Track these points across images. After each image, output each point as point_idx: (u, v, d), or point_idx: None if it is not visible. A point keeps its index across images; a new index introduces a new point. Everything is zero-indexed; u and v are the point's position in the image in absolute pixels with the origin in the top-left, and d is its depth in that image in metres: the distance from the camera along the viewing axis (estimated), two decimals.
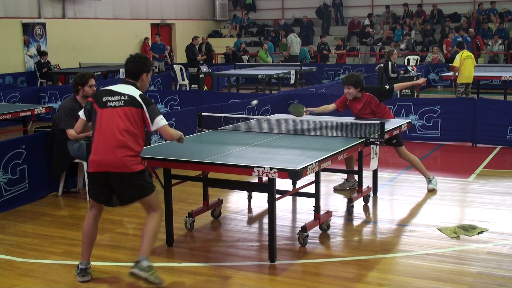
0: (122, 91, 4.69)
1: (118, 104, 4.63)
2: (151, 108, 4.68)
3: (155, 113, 4.69)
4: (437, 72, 18.36)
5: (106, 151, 4.59)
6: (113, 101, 4.65)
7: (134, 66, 4.79)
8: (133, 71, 4.79)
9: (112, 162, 4.57)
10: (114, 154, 4.56)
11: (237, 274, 4.93)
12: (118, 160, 4.56)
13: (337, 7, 25.13)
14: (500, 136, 9.79)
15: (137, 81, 4.80)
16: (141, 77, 4.80)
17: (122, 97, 4.65)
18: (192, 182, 6.25)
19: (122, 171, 4.59)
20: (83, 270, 4.82)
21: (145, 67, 4.82)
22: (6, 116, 9.14)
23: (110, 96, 4.68)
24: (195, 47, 18.97)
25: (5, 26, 17.93)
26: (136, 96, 4.66)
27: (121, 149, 4.57)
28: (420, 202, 6.91)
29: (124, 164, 4.57)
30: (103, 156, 4.60)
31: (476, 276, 4.80)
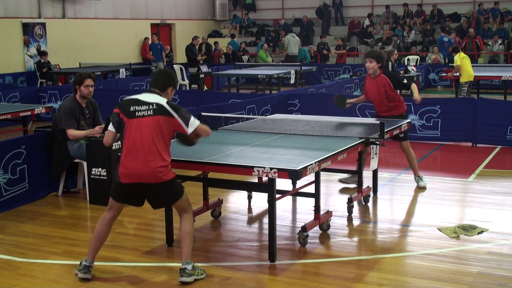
0: (149, 100, 4.68)
1: (147, 114, 4.62)
2: (181, 113, 4.67)
3: (187, 116, 4.68)
4: (437, 72, 18.35)
5: (138, 162, 4.59)
6: (141, 110, 4.63)
7: (163, 78, 4.85)
8: (161, 82, 4.82)
9: (145, 173, 4.60)
10: (147, 166, 4.58)
11: (237, 274, 4.93)
12: (151, 171, 4.59)
13: (337, 7, 25.12)
14: (500, 136, 9.79)
15: (162, 92, 4.80)
16: (167, 90, 4.83)
17: (151, 106, 4.64)
18: (192, 182, 6.24)
19: (154, 182, 4.63)
20: (86, 267, 4.83)
21: (173, 82, 4.89)
22: (6, 116, 9.15)
23: (138, 106, 4.66)
24: (195, 47, 18.98)
25: (5, 26, 17.92)
26: (163, 104, 4.66)
27: (153, 160, 4.58)
28: (420, 202, 6.91)
29: (156, 175, 4.61)
30: (135, 169, 4.61)
31: (476, 276, 4.80)
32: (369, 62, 7.23)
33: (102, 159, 6.81)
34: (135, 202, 4.90)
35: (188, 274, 4.71)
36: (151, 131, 4.59)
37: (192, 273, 4.73)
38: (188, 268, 4.72)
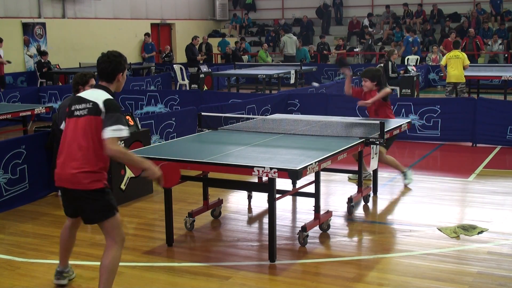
0: (89, 98, 4.17)
1: (82, 113, 4.13)
2: (108, 115, 4.04)
3: (109, 121, 4.02)
4: (437, 72, 18.35)
5: (65, 165, 4.15)
6: (79, 109, 4.17)
7: (108, 67, 4.23)
8: (107, 72, 4.23)
9: (68, 177, 4.13)
10: (70, 169, 4.11)
11: (237, 274, 4.93)
12: (73, 175, 4.09)
13: (337, 7, 25.12)
14: (500, 136, 9.79)
15: (112, 82, 4.26)
16: (116, 78, 4.26)
17: (88, 104, 4.14)
18: (192, 182, 6.24)
19: (76, 188, 4.11)
20: (59, 273, 4.74)
21: (120, 66, 4.26)
22: (6, 116, 9.15)
23: (78, 104, 4.19)
24: (195, 47, 18.97)
25: (5, 26, 17.92)
26: (99, 102, 4.10)
27: (77, 163, 4.08)
28: (420, 202, 6.91)
29: (78, 180, 4.08)
30: (61, 170, 4.18)
31: (476, 276, 4.80)
32: (364, 81, 7.50)
33: None
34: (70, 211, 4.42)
35: None
36: (80, 132, 4.11)
37: None
38: None
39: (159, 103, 12.57)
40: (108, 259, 4.14)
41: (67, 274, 4.79)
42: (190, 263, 5.22)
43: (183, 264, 5.20)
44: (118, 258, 4.19)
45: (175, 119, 9.18)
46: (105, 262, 4.14)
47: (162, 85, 17.28)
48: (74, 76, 7.02)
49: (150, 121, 8.66)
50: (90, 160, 4.10)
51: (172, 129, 9.10)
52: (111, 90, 4.26)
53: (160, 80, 17.41)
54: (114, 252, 4.16)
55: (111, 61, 4.24)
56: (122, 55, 4.33)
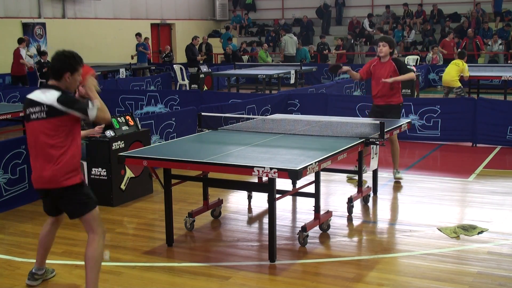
0: (41, 100, 4.17)
1: (41, 116, 4.16)
2: (76, 106, 4.15)
3: (83, 106, 4.16)
4: (437, 72, 18.36)
5: (38, 167, 4.26)
6: (35, 112, 4.19)
7: (56, 64, 4.23)
8: (54, 70, 4.24)
9: (46, 178, 4.23)
10: (45, 170, 4.21)
11: (237, 274, 4.93)
12: (50, 175, 4.21)
13: (339, 6, 25.12)
14: (500, 136, 9.79)
15: (59, 81, 4.23)
16: (63, 77, 4.21)
17: (43, 107, 4.16)
18: (192, 182, 6.25)
19: (53, 186, 4.24)
20: (31, 274, 4.74)
21: (68, 66, 4.20)
22: (6, 116, 9.15)
23: (32, 107, 4.21)
24: (195, 47, 18.98)
25: (5, 26, 17.93)
26: (54, 104, 4.13)
27: (49, 164, 4.19)
28: (420, 202, 6.91)
29: (56, 179, 4.21)
30: (36, 173, 4.30)
31: (476, 276, 4.80)
32: (382, 46, 7.61)
33: (102, 159, 6.81)
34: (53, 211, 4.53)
35: None
36: (45, 135, 4.17)
37: None
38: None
39: (159, 103, 12.57)
40: (92, 251, 4.29)
41: (39, 276, 4.77)
42: (190, 263, 5.22)
43: (183, 264, 5.20)
44: (102, 248, 4.35)
45: (175, 119, 9.18)
46: (90, 253, 4.29)
47: (162, 85, 17.28)
48: None
49: (150, 121, 8.66)
50: (63, 158, 4.20)
51: (172, 129, 9.10)
52: (61, 88, 4.22)
53: (160, 80, 17.41)
54: (97, 243, 4.31)
55: (59, 59, 4.23)
56: (75, 55, 4.29)
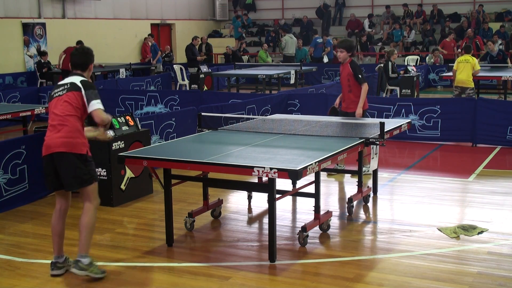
0: (65, 81, 4.93)
1: (62, 93, 4.85)
2: (88, 92, 4.81)
3: (91, 96, 4.80)
4: (437, 72, 18.36)
5: (51, 134, 4.80)
6: (57, 91, 4.89)
7: (81, 59, 4.99)
8: (80, 63, 4.98)
9: (55, 141, 4.74)
10: (57, 134, 4.75)
11: (237, 274, 4.93)
12: (59, 137, 4.73)
13: (339, 7, 25.11)
14: (500, 136, 9.79)
15: (84, 71, 4.99)
16: (88, 67, 5.02)
17: (66, 86, 4.87)
18: (192, 182, 6.25)
19: (61, 150, 4.73)
20: (53, 264, 4.93)
21: (92, 58, 5.07)
22: (6, 116, 9.14)
23: (56, 89, 4.92)
24: (195, 47, 18.98)
25: (5, 26, 17.92)
26: (77, 82, 4.85)
27: (65, 129, 4.74)
28: (420, 202, 6.91)
29: (64, 142, 4.72)
30: (48, 138, 4.81)
31: (476, 276, 4.80)
32: (339, 52, 7.81)
33: (102, 159, 6.80)
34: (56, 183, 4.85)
35: (80, 267, 4.77)
36: (62, 105, 4.79)
37: (85, 268, 4.77)
38: (82, 262, 4.78)
39: (159, 103, 12.57)
40: (87, 217, 4.80)
41: (61, 264, 4.94)
42: (190, 263, 5.22)
43: (183, 264, 5.20)
44: (95, 216, 4.88)
45: (175, 119, 9.18)
46: (85, 219, 4.81)
47: (162, 85, 17.28)
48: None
49: (150, 121, 8.66)
50: (76, 126, 4.77)
51: (172, 129, 9.10)
52: (84, 75, 4.97)
53: (160, 80, 17.41)
54: (92, 211, 4.84)
55: (85, 54, 5.03)
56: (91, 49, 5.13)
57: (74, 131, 4.76)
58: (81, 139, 4.81)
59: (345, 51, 7.74)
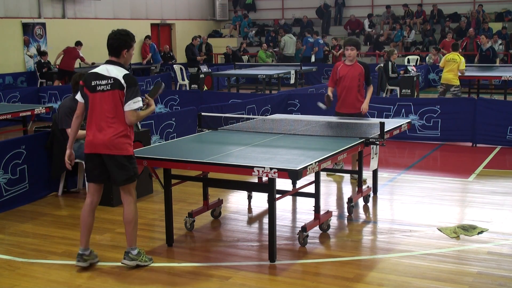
0: (108, 74, 4.81)
1: (106, 88, 4.78)
2: (129, 90, 4.77)
3: (130, 94, 4.77)
4: (437, 72, 18.35)
5: (97, 132, 4.81)
6: (101, 85, 4.80)
7: (114, 43, 4.87)
8: (113, 47, 4.87)
9: (102, 142, 4.79)
10: (105, 135, 4.78)
11: (237, 274, 4.93)
12: (108, 140, 4.78)
13: (339, 7, 25.11)
14: (500, 136, 9.79)
15: (118, 58, 4.89)
16: (121, 53, 4.89)
17: (109, 80, 4.78)
18: (192, 182, 6.25)
19: (110, 152, 4.80)
20: (79, 256, 5.03)
21: (125, 44, 4.89)
22: (6, 116, 9.15)
23: (99, 80, 4.81)
24: (195, 47, 18.97)
25: (5, 26, 17.91)
26: (120, 78, 4.77)
27: (111, 129, 4.77)
28: (420, 202, 6.91)
29: (113, 144, 4.78)
30: (95, 138, 4.82)
31: (476, 276, 4.80)
32: (350, 50, 7.54)
33: None
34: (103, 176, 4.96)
35: (131, 258, 4.96)
36: (108, 103, 4.77)
37: (136, 258, 4.97)
38: (132, 253, 4.97)
39: (159, 103, 12.57)
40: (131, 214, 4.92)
41: (87, 257, 5.05)
42: (190, 263, 5.22)
43: (183, 264, 5.20)
44: (136, 209, 4.97)
45: (175, 119, 9.18)
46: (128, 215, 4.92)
47: None
48: (73, 76, 7.02)
49: (150, 121, 8.66)
50: (122, 126, 4.80)
51: (172, 129, 9.10)
52: (121, 63, 4.89)
53: (160, 80, 17.41)
54: (134, 205, 4.95)
55: (117, 38, 4.86)
56: (129, 33, 4.96)
57: (120, 132, 4.80)
58: (127, 140, 4.86)
59: (355, 49, 7.58)
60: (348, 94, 7.64)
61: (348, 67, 7.63)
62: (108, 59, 4.93)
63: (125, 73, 4.84)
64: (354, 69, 7.60)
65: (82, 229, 5.03)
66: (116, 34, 4.89)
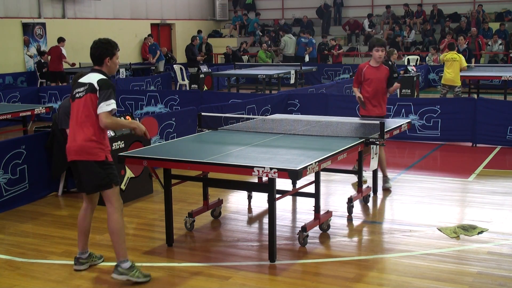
0: (86, 81, 4.73)
1: (82, 94, 4.70)
2: (102, 92, 4.61)
3: (102, 97, 4.60)
4: (437, 72, 18.35)
5: (72, 140, 4.72)
6: (79, 92, 4.73)
7: (96, 51, 4.78)
8: (95, 56, 4.79)
9: (75, 149, 4.68)
10: (76, 141, 4.67)
11: (237, 274, 4.93)
12: (79, 146, 4.65)
13: (338, 7, 25.11)
14: (500, 136, 9.79)
15: (101, 66, 4.78)
16: (104, 61, 4.77)
17: (86, 86, 4.70)
18: (192, 182, 6.25)
19: (82, 159, 4.66)
20: (76, 259, 5.03)
21: (106, 52, 4.77)
22: (6, 116, 9.15)
23: (78, 88, 4.76)
24: (194, 47, 18.98)
25: (5, 26, 17.92)
26: (94, 82, 4.66)
27: (82, 135, 4.65)
28: (420, 202, 6.91)
29: (85, 151, 4.64)
30: (70, 146, 4.74)
31: (476, 276, 4.80)
32: (381, 51, 7.30)
33: None
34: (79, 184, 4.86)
35: (120, 272, 4.72)
36: (82, 109, 4.67)
37: (126, 273, 4.72)
38: (122, 266, 4.72)
39: (159, 103, 12.57)
40: (113, 222, 4.69)
41: (84, 260, 5.04)
42: (190, 263, 5.22)
43: (183, 264, 5.20)
44: (120, 218, 4.72)
45: (175, 119, 9.18)
46: (112, 225, 4.70)
47: (162, 85, 17.28)
48: (74, 76, 7.01)
49: None
50: (92, 130, 4.63)
51: (172, 129, 9.10)
52: (104, 71, 4.78)
53: (160, 80, 17.41)
54: (116, 215, 4.71)
55: (98, 47, 4.78)
56: (110, 41, 4.85)
57: (90, 136, 4.63)
58: (98, 145, 4.67)
59: (385, 50, 7.38)
60: (374, 96, 7.38)
61: (374, 69, 7.36)
62: (92, 68, 4.85)
63: (101, 77, 4.69)
64: (381, 71, 7.36)
65: (78, 233, 5.01)
66: (97, 43, 4.80)
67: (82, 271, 5.01)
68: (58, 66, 16.91)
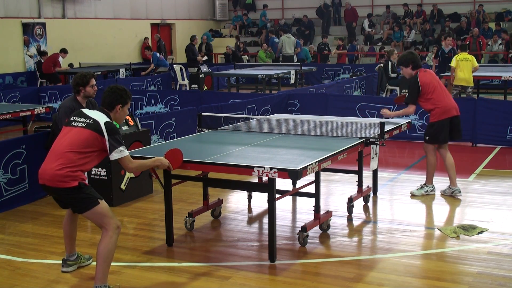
0: (91, 115, 4.58)
1: (80, 125, 4.54)
2: (112, 138, 4.49)
3: (114, 145, 4.48)
4: (437, 72, 18.33)
5: (46, 164, 4.55)
6: (78, 121, 4.58)
7: (108, 97, 4.68)
8: (107, 101, 4.68)
9: (46, 175, 4.52)
10: (50, 169, 4.48)
11: (237, 274, 4.93)
12: (51, 175, 4.47)
13: (336, 7, 25.10)
14: (500, 136, 9.79)
15: (111, 111, 4.68)
16: (115, 108, 4.69)
17: (88, 120, 4.55)
18: (192, 182, 6.25)
19: (54, 186, 4.49)
20: (63, 261, 5.06)
21: (120, 99, 4.68)
22: (6, 116, 9.14)
23: (78, 117, 4.61)
24: (194, 47, 18.97)
25: (5, 26, 17.92)
26: (101, 122, 4.51)
27: (58, 161, 4.46)
28: (420, 202, 6.91)
29: (56, 179, 4.45)
30: (42, 170, 4.58)
31: (476, 276, 4.80)
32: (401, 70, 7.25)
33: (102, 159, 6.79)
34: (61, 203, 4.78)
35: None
36: (73, 139, 4.49)
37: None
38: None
39: (159, 103, 12.57)
40: (102, 246, 4.48)
41: (72, 262, 5.05)
42: (190, 263, 5.22)
43: (183, 264, 5.20)
44: (111, 244, 4.50)
45: (175, 119, 9.18)
46: (99, 249, 4.49)
47: (162, 85, 17.28)
48: (74, 77, 7.00)
49: (150, 121, 8.66)
50: (72, 164, 4.45)
51: (172, 129, 9.10)
52: (110, 116, 4.65)
53: (160, 80, 17.41)
54: (108, 239, 4.49)
55: (114, 92, 4.70)
56: (126, 90, 4.77)
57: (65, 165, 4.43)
58: (73, 173, 4.43)
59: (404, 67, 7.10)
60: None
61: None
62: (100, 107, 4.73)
63: (107, 120, 4.55)
64: None
65: (64, 237, 5.02)
66: (113, 88, 4.72)
67: (82, 271, 5.01)
68: (50, 69, 16.89)
